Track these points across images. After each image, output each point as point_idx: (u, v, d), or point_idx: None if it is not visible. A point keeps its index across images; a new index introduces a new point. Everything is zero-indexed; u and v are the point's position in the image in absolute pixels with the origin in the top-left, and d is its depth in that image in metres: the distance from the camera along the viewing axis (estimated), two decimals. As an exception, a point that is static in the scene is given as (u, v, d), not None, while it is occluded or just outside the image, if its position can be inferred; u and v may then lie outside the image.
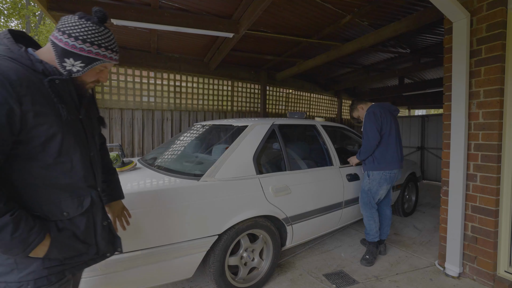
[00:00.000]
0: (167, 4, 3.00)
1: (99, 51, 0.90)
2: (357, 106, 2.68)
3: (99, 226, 0.98)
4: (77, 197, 0.91)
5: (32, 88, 0.78)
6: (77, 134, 0.92)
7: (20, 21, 7.72)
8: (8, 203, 0.77)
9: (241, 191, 1.88)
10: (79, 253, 0.93)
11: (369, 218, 2.48)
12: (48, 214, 0.86)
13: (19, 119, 0.76)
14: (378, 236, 2.50)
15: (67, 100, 0.88)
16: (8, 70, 0.75)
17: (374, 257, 2.45)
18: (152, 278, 1.58)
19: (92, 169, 0.98)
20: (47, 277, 0.85)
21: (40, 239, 0.80)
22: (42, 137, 0.81)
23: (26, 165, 0.82)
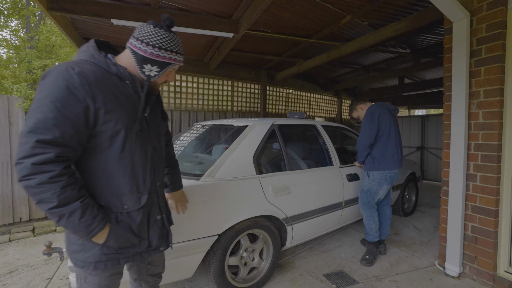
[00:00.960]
0: (167, 4, 3.00)
1: (170, 56, 1.01)
2: (357, 107, 2.68)
3: (153, 220, 1.07)
4: (136, 193, 1.00)
5: (105, 88, 0.91)
6: (141, 131, 1.00)
7: (20, 21, 7.72)
8: (80, 191, 0.88)
9: (241, 191, 1.88)
10: (133, 245, 1.02)
11: (369, 218, 2.48)
12: (111, 206, 0.97)
13: (93, 114, 0.88)
14: (378, 236, 2.49)
15: (133, 99, 0.99)
16: (89, 73, 0.88)
17: (374, 257, 2.45)
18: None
19: (152, 166, 1.06)
20: (104, 262, 0.97)
21: (101, 227, 0.91)
22: (109, 132, 0.92)
23: (96, 158, 0.93)
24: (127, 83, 0.98)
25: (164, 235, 1.14)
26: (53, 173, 0.81)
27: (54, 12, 2.64)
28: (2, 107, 3.34)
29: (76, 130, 0.85)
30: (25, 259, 2.66)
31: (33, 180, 0.80)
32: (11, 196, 3.41)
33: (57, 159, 0.82)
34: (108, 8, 2.78)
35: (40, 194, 0.81)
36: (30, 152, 0.79)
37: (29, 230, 3.39)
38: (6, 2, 7.06)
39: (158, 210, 1.10)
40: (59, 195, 0.82)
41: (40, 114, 0.81)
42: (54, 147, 0.82)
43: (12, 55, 8.01)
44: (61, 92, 0.83)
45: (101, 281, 1.02)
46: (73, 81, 0.84)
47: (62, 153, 0.83)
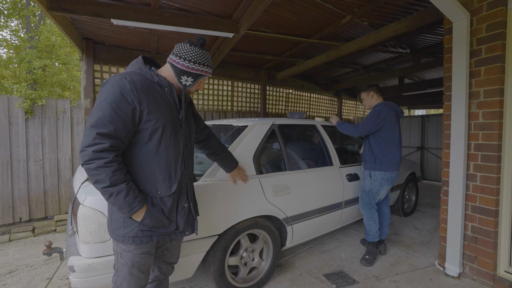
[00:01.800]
0: (167, 4, 3.00)
1: (203, 69, 1.24)
2: (371, 92, 2.57)
3: (181, 207, 1.26)
4: (168, 182, 1.20)
5: (148, 93, 1.13)
6: (175, 130, 1.21)
7: (20, 21, 7.71)
8: (126, 175, 1.10)
9: (241, 191, 1.88)
10: (163, 226, 1.21)
11: (369, 218, 2.48)
12: (147, 191, 1.18)
13: (138, 114, 1.11)
14: (378, 236, 2.49)
15: (170, 103, 1.21)
16: (137, 81, 1.12)
17: (374, 257, 2.45)
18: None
19: (183, 160, 1.26)
20: (140, 237, 1.17)
21: (140, 206, 1.12)
22: (150, 130, 1.14)
23: (137, 150, 1.15)
24: (165, 90, 1.21)
25: (190, 221, 1.31)
26: (107, 159, 1.03)
27: (54, 12, 2.64)
28: (2, 107, 3.34)
29: (125, 126, 1.08)
30: (25, 259, 2.66)
31: (93, 164, 1.02)
32: (11, 196, 3.41)
33: (111, 148, 1.05)
34: (108, 8, 2.78)
35: (98, 175, 1.03)
36: (92, 142, 1.02)
37: (29, 230, 3.39)
38: (6, 2, 7.06)
39: (186, 199, 1.29)
40: (110, 177, 1.04)
41: (100, 113, 1.04)
42: (109, 139, 1.04)
43: (12, 55, 8.00)
44: (116, 96, 1.06)
45: (134, 257, 1.19)
46: (125, 88, 1.08)
47: (114, 144, 1.06)
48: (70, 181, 3.78)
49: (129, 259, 1.19)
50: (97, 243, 1.41)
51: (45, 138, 3.61)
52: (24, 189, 3.49)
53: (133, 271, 1.21)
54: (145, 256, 1.22)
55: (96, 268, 1.41)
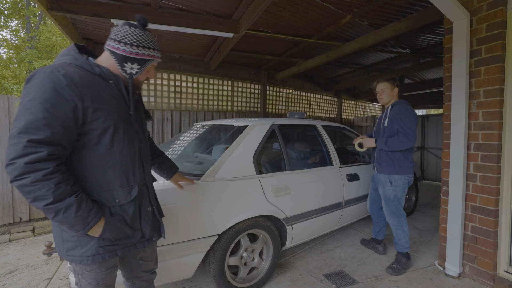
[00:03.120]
0: (167, 4, 3.00)
1: (148, 53, 1.06)
2: (394, 87, 2.34)
3: (144, 212, 1.13)
4: (127, 186, 1.06)
5: (91, 88, 0.95)
6: (128, 127, 1.06)
7: (20, 21, 7.71)
8: (74, 186, 0.92)
9: (241, 191, 1.88)
10: (127, 236, 1.07)
11: (397, 227, 2.31)
12: (104, 200, 1.01)
13: (81, 113, 0.92)
14: (408, 247, 2.34)
15: (118, 98, 1.04)
16: (74, 74, 0.93)
17: (403, 268, 2.28)
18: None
19: (141, 160, 1.13)
20: (102, 254, 1.01)
21: (97, 220, 0.96)
22: (99, 130, 0.97)
23: (85, 155, 0.98)
24: (110, 83, 1.02)
25: (156, 225, 1.19)
26: (46, 170, 0.85)
27: (54, 12, 2.64)
28: (2, 107, 3.34)
29: (66, 129, 0.90)
30: (25, 259, 2.66)
31: (27, 179, 0.83)
32: (11, 196, 3.41)
33: (50, 157, 0.86)
34: (108, 8, 2.78)
35: (35, 192, 0.84)
36: (22, 152, 0.82)
37: (29, 230, 3.39)
38: (6, 2, 7.06)
39: (148, 202, 1.16)
40: (54, 191, 0.86)
41: (30, 116, 0.84)
42: (46, 146, 0.85)
43: (12, 55, 8.01)
44: (49, 93, 0.86)
45: (97, 275, 1.06)
46: (60, 83, 0.88)
47: (54, 151, 0.87)
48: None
49: (92, 279, 1.06)
50: (97, 243, 1.41)
51: (45, 138, 3.60)
52: (24, 189, 3.48)
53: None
54: (110, 270, 1.11)
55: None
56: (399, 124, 2.20)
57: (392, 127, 2.26)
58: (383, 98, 2.37)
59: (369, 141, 2.39)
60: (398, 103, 2.30)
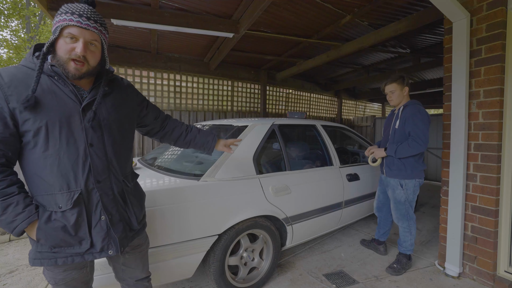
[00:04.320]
0: (167, 4, 3.00)
1: (60, 18, 0.92)
2: (404, 86, 2.25)
3: (95, 221, 1.01)
4: (67, 192, 0.96)
5: (20, 87, 0.89)
6: (68, 126, 0.95)
7: (20, 21, 7.72)
8: (6, 189, 0.90)
9: (241, 191, 1.88)
10: (70, 245, 0.99)
11: (405, 230, 2.29)
12: (46, 204, 0.96)
13: (9, 115, 0.88)
14: (412, 250, 2.33)
15: (62, 94, 0.95)
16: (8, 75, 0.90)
17: (403, 268, 2.28)
18: (152, 278, 1.58)
19: (87, 163, 0.99)
20: (40, 260, 0.97)
21: (24, 225, 0.91)
22: (31, 131, 0.91)
23: (26, 157, 0.95)
24: (55, 79, 0.95)
25: (113, 238, 1.04)
26: None
27: (54, 12, 2.64)
28: (2, 107, 3.34)
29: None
30: (25, 259, 2.66)
31: None
32: (11, 196, 3.41)
33: None
34: (108, 8, 2.78)
35: None
36: None
37: (29, 230, 3.40)
38: (6, 2, 7.07)
39: (101, 211, 1.02)
40: None
41: None
42: None
43: (13, 55, 8.01)
44: None
45: (54, 275, 1.04)
46: None
47: None
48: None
49: (50, 278, 1.04)
50: (97, 243, 1.41)
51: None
52: (24, 189, 3.48)
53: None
54: (70, 272, 1.05)
55: (96, 268, 1.41)
56: (411, 126, 2.13)
57: (404, 129, 2.18)
58: (393, 99, 2.28)
59: (380, 152, 2.30)
60: (410, 103, 2.21)
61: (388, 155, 2.25)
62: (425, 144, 2.06)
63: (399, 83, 2.24)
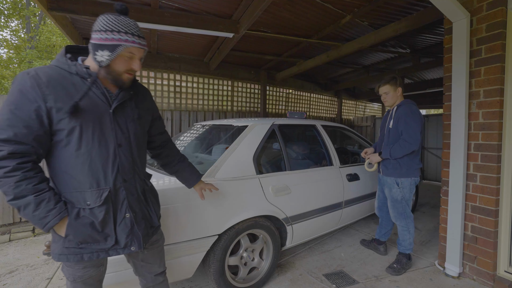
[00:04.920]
0: (167, 4, 3.00)
1: (119, 37, 0.96)
2: (398, 88, 2.29)
3: (120, 219, 1.06)
4: (96, 190, 1.00)
5: (58, 88, 0.94)
6: (101, 127, 1.01)
7: (20, 21, 7.71)
8: (38, 185, 0.92)
9: (241, 191, 1.88)
10: (96, 241, 1.03)
11: (404, 229, 2.31)
12: (74, 201, 0.99)
13: (45, 114, 0.92)
14: (411, 249, 2.34)
15: (95, 96, 1.00)
16: (43, 75, 0.93)
17: (403, 268, 2.29)
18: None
19: (116, 163, 1.04)
20: (66, 255, 1.00)
21: (56, 221, 0.94)
22: (66, 130, 0.95)
23: (57, 155, 0.98)
24: (88, 81, 0.99)
25: (136, 234, 1.09)
26: (7, 168, 0.88)
27: (54, 12, 2.64)
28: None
29: (30, 129, 0.90)
30: (25, 259, 2.66)
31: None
32: (11, 196, 3.41)
33: (11, 156, 0.88)
34: (108, 8, 2.78)
35: (1, 187, 0.89)
36: None
37: (29, 230, 3.39)
38: (6, 2, 7.07)
39: (126, 208, 1.07)
40: (14, 188, 0.88)
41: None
42: (7, 145, 0.88)
43: (13, 55, 8.01)
44: (15, 95, 0.90)
45: (74, 272, 1.07)
46: (25, 84, 0.90)
47: (16, 150, 0.89)
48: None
49: (69, 274, 1.08)
50: (97, 243, 1.41)
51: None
52: (24, 189, 3.48)
53: (77, 286, 1.10)
54: (89, 269, 1.09)
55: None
56: (403, 126, 2.18)
57: (398, 128, 2.23)
58: (388, 100, 2.34)
59: (375, 157, 2.35)
60: (404, 103, 2.26)
61: (384, 158, 2.30)
62: (416, 142, 2.11)
63: (392, 85, 2.30)
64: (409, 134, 2.14)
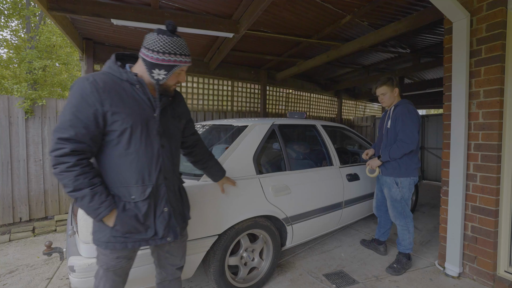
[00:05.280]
0: (167, 4, 3.00)
1: (175, 58, 1.12)
2: (394, 88, 2.30)
3: (159, 212, 1.18)
4: (142, 186, 1.13)
5: (112, 93, 1.07)
6: (147, 130, 1.14)
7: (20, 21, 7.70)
8: (92, 180, 1.05)
9: (241, 191, 1.88)
10: (138, 232, 1.15)
11: (403, 228, 2.32)
12: (121, 195, 1.12)
13: (101, 116, 1.05)
14: (411, 248, 2.35)
15: (142, 101, 1.13)
16: (100, 81, 1.06)
17: (403, 268, 2.29)
18: (152, 278, 1.58)
19: (159, 162, 1.17)
20: (113, 243, 1.13)
21: (107, 212, 1.07)
22: (118, 131, 1.08)
23: (107, 153, 1.11)
24: (137, 87, 1.12)
25: (172, 227, 1.22)
26: (68, 164, 1.01)
27: (54, 12, 2.64)
28: (2, 107, 3.34)
29: (88, 130, 1.03)
30: (25, 259, 2.66)
31: (57, 168, 1.01)
32: (11, 196, 3.41)
33: (72, 153, 1.01)
34: (108, 8, 2.78)
35: (62, 180, 1.02)
36: (54, 147, 1.01)
37: (29, 230, 3.39)
38: (7, 2, 7.06)
39: (165, 203, 1.20)
40: (73, 182, 1.01)
41: (62, 117, 1.03)
42: (69, 143, 1.01)
43: (13, 55, 8.01)
44: (77, 99, 1.03)
45: (108, 261, 1.18)
46: (85, 89, 1.03)
47: (76, 148, 1.02)
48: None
49: (104, 262, 1.19)
50: (97, 243, 1.41)
51: (45, 138, 3.61)
52: (24, 189, 3.49)
53: (109, 274, 1.20)
54: (121, 260, 1.19)
55: (96, 268, 1.41)
56: (400, 125, 2.19)
57: (395, 128, 2.24)
58: (385, 101, 2.36)
59: (375, 162, 2.35)
60: (401, 103, 2.28)
61: (384, 161, 2.30)
62: (414, 142, 2.13)
63: (389, 85, 2.31)
64: (406, 134, 2.15)
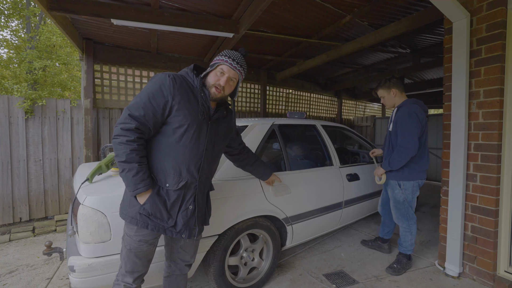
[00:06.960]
0: (167, 4, 3.00)
1: (222, 58, 1.30)
2: (392, 89, 2.26)
3: (184, 207, 1.28)
4: (178, 177, 1.25)
5: (183, 92, 1.25)
6: (199, 132, 1.28)
7: (20, 21, 7.70)
8: (142, 158, 1.19)
9: (241, 191, 1.88)
10: (161, 217, 1.25)
11: (406, 230, 2.30)
12: (158, 180, 1.25)
13: (169, 108, 1.21)
14: (412, 250, 2.34)
15: (204, 107, 1.28)
16: (177, 80, 1.24)
17: (403, 268, 2.29)
18: (152, 278, 1.58)
19: (199, 162, 1.29)
20: (137, 220, 1.24)
21: (144, 189, 1.19)
22: (176, 124, 1.23)
23: (160, 140, 1.25)
24: (202, 95, 1.28)
25: (191, 225, 1.31)
26: (129, 138, 1.15)
27: (54, 12, 2.64)
28: (2, 107, 3.34)
29: (155, 115, 1.19)
30: (25, 259, 2.66)
31: (118, 139, 1.16)
32: (11, 196, 3.41)
33: (135, 130, 1.17)
34: (108, 8, 2.78)
35: (119, 150, 1.15)
36: (123, 120, 1.17)
37: (29, 230, 3.39)
38: (7, 2, 7.06)
39: (192, 201, 1.30)
40: (128, 154, 1.15)
41: (138, 99, 1.19)
42: (136, 121, 1.17)
43: (13, 55, 8.01)
44: (155, 88, 1.20)
45: (131, 242, 1.26)
46: (165, 83, 1.21)
47: (140, 127, 1.18)
48: (70, 181, 3.78)
49: (127, 243, 1.28)
50: (97, 243, 1.41)
51: (45, 138, 3.61)
52: (24, 189, 3.49)
53: (130, 255, 1.28)
54: (142, 244, 1.27)
55: (96, 268, 1.41)
56: (399, 131, 2.15)
57: (397, 132, 2.20)
58: (386, 103, 2.37)
59: (379, 170, 2.34)
60: (404, 104, 2.22)
61: (386, 171, 2.28)
62: (413, 147, 2.07)
63: (384, 88, 2.30)
64: (404, 139, 2.09)
